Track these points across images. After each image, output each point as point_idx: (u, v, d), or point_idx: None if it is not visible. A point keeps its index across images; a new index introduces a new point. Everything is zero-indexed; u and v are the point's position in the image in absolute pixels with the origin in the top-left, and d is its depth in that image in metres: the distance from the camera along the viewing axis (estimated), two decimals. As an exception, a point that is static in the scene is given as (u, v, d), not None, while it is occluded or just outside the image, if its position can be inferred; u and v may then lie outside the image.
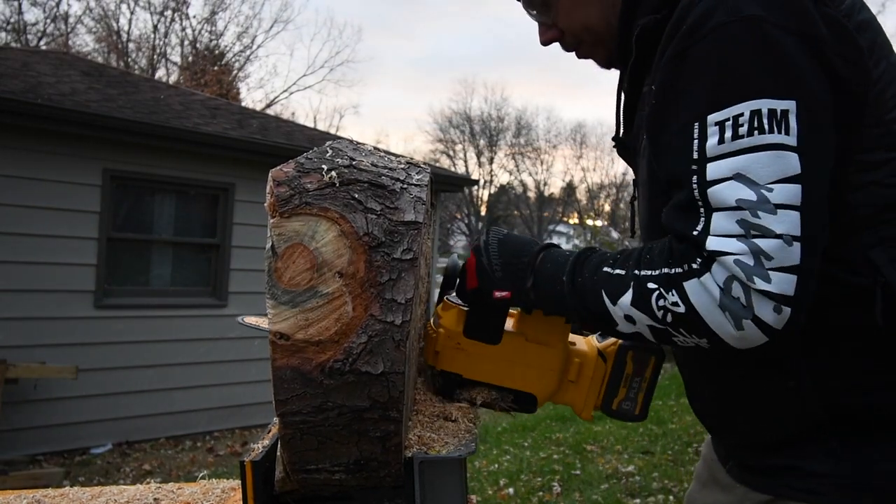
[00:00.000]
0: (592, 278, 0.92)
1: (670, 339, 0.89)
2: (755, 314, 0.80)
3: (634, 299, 0.88)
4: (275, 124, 8.57)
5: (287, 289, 0.73)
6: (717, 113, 0.83)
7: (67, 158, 5.83)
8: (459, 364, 1.04)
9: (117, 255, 6.21)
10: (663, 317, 0.86)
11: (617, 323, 0.91)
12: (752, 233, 0.80)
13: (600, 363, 1.09)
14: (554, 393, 1.07)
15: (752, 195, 0.80)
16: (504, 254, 0.99)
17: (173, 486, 1.26)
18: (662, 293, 0.85)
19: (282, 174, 0.75)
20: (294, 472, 0.83)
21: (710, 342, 0.85)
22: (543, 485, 4.98)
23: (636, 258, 0.90)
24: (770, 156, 0.81)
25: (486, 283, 0.99)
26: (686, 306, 0.84)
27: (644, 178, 1.03)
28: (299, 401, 0.75)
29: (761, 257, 0.80)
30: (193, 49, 24.54)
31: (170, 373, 6.32)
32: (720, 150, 0.83)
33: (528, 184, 43.44)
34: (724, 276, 0.81)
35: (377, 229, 0.74)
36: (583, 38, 1.10)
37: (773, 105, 0.82)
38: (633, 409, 1.10)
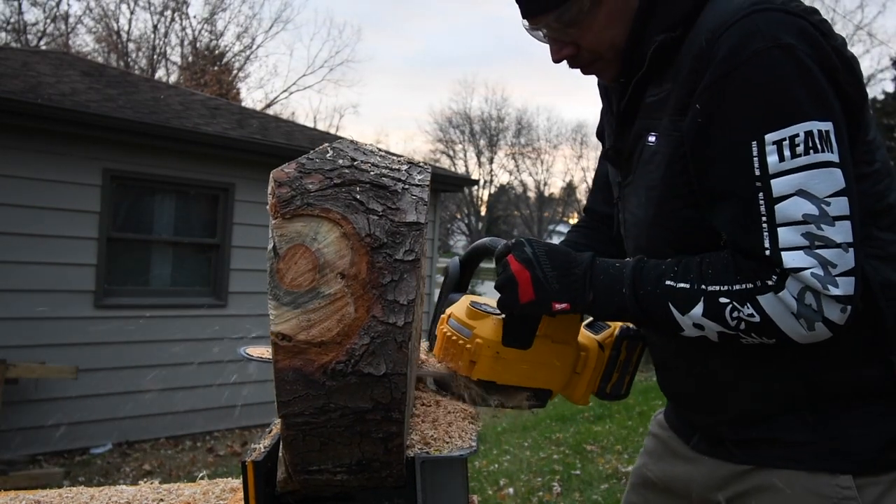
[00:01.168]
0: (656, 291, 1.00)
1: (738, 340, 0.98)
2: (825, 316, 0.92)
3: (706, 312, 0.97)
4: (275, 124, 8.57)
5: (289, 290, 0.73)
6: (774, 133, 0.92)
7: (67, 158, 5.83)
8: (496, 372, 1.09)
9: (117, 255, 6.21)
10: (736, 325, 0.96)
11: (683, 329, 1.00)
12: (816, 244, 0.91)
13: (601, 353, 1.17)
14: (566, 385, 1.16)
15: (814, 210, 0.91)
16: (556, 266, 1.04)
17: (173, 486, 1.26)
18: (737, 307, 0.95)
19: (283, 175, 0.74)
20: (296, 473, 0.83)
21: (778, 342, 0.95)
22: (543, 485, 4.98)
23: (698, 271, 0.99)
24: (824, 173, 0.91)
25: (543, 296, 1.02)
26: (761, 317, 0.94)
27: (654, 182, 1.08)
28: (302, 402, 0.75)
29: (828, 267, 0.91)
30: (193, 49, 24.53)
31: (170, 373, 6.32)
32: (782, 167, 0.92)
33: (528, 184, 43.44)
34: (799, 287, 0.91)
35: (379, 230, 0.74)
36: (603, 55, 1.14)
37: (819, 126, 0.92)
38: (621, 389, 1.20)
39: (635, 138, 1.13)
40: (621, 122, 1.17)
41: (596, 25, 1.10)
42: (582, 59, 1.15)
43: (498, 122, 42.45)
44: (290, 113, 30.49)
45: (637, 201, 1.15)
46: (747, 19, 0.95)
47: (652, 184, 1.09)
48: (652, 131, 1.09)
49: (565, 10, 1.08)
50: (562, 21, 1.10)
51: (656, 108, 1.08)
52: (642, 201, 1.12)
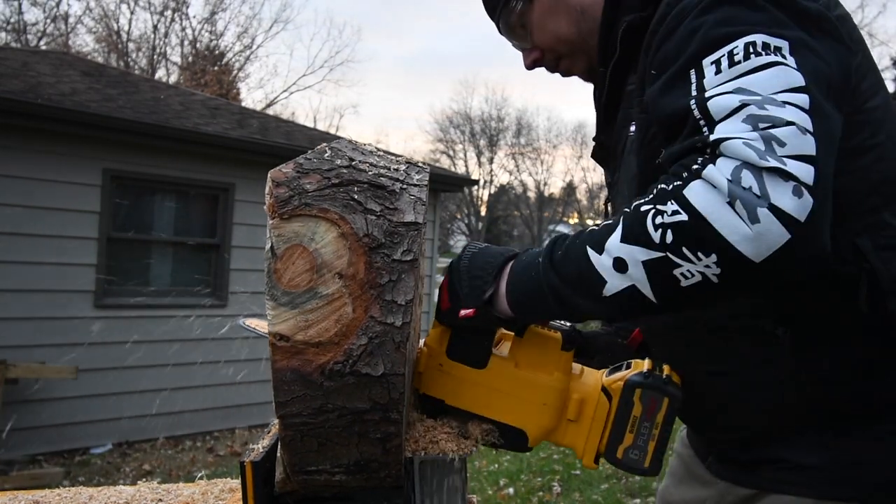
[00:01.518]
0: (574, 241, 0.83)
1: (671, 273, 0.75)
2: (771, 201, 0.70)
3: (625, 232, 0.77)
4: (275, 124, 8.56)
5: (287, 290, 0.73)
6: (711, 55, 0.81)
7: (67, 158, 5.83)
8: (442, 388, 0.94)
9: (117, 255, 6.21)
10: (661, 238, 0.74)
11: (605, 279, 0.78)
12: (760, 125, 0.73)
13: (604, 401, 0.95)
14: (550, 431, 0.96)
15: (756, 97, 0.76)
16: (473, 268, 0.91)
17: (172, 487, 1.26)
18: (658, 209, 0.75)
19: (281, 175, 0.74)
20: (294, 473, 0.83)
21: (720, 261, 0.72)
22: (543, 485, 4.97)
23: (623, 210, 0.81)
24: (771, 71, 0.77)
25: (454, 303, 0.90)
26: (688, 212, 0.73)
27: (632, 174, 0.99)
28: (300, 402, 0.75)
29: (773, 143, 0.72)
30: (193, 49, 24.53)
31: (170, 373, 6.31)
32: (718, 78, 0.80)
33: (528, 184, 43.42)
34: (732, 165, 0.72)
35: (377, 230, 0.74)
36: (559, 51, 1.13)
37: (767, 39, 0.80)
38: (641, 459, 0.93)
39: (619, 131, 1.07)
40: (604, 115, 1.11)
41: (537, 23, 1.10)
42: (547, 61, 1.15)
43: (498, 122, 42.44)
44: (290, 113, 30.50)
45: (622, 199, 1.04)
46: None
47: (631, 174, 1.00)
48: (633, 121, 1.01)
49: (505, 15, 1.10)
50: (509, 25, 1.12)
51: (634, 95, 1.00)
52: (625, 196, 1.02)
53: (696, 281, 0.74)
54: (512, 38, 1.16)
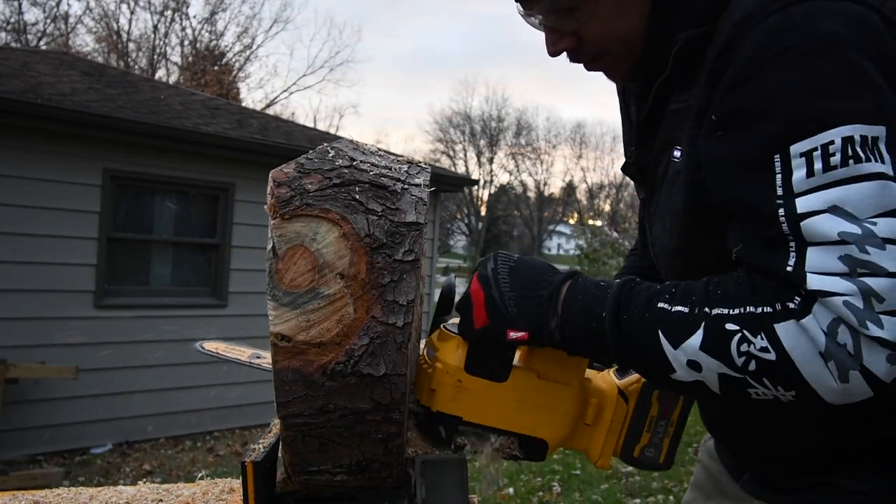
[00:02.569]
0: (644, 315, 0.79)
1: (744, 391, 0.76)
2: (863, 364, 0.69)
3: (706, 343, 0.75)
4: (275, 124, 8.57)
5: (288, 290, 0.73)
6: (802, 142, 0.73)
7: (67, 158, 5.83)
8: (461, 405, 0.89)
9: (117, 255, 6.21)
10: (744, 365, 0.73)
11: (674, 370, 0.77)
12: (858, 271, 0.70)
13: (621, 404, 0.95)
14: (567, 438, 0.93)
15: (855, 229, 0.70)
16: (518, 286, 0.84)
17: (172, 487, 1.26)
18: (747, 336, 0.73)
19: (282, 175, 0.74)
20: (296, 474, 0.83)
21: (798, 396, 0.73)
22: (543, 485, 4.97)
23: (702, 293, 0.78)
24: (870, 187, 0.71)
25: (497, 322, 0.84)
26: (778, 353, 0.71)
27: (676, 207, 0.92)
28: (301, 403, 0.75)
29: (872, 299, 0.69)
30: (193, 49, 24.53)
31: (170, 373, 6.32)
32: (810, 183, 0.73)
33: (528, 184, 43.46)
34: (829, 318, 0.70)
35: (378, 230, 0.74)
36: (610, 49, 0.96)
37: (864, 131, 0.72)
38: (657, 456, 0.95)
39: (659, 152, 0.96)
40: (643, 134, 1.01)
41: (601, 13, 0.92)
42: (584, 52, 0.98)
43: (498, 123, 42.48)
44: (290, 113, 30.53)
45: (661, 227, 0.98)
46: (781, 13, 0.76)
47: (675, 209, 0.92)
48: (677, 145, 0.91)
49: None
50: (558, 7, 0.93)
51: (682, 117, 0.90)
52: (666, 227, 0.96)
53: (767, 399, 0.76)
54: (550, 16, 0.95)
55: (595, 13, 0.93)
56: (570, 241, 32.01)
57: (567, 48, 0.97)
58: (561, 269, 0.89)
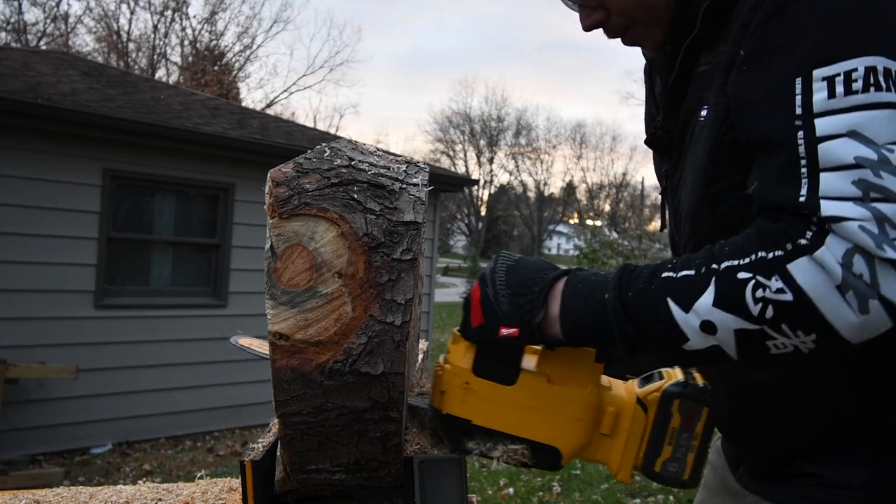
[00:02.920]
0: (649, 288, 0.78)
1: (763, 344, 0.73)
2: (881, 292, 0.68)
3: (719, 298, 0.73)
4: (275, 124, 8.57)
5: (286, 289, 0.73)
6: (826, 67, 0.74)
7: (67, 158, 5.83)
8: (469, 408, 0.88)
9: (117, 255, 6.21)
10: (761, 312, 0.71)
11: (687, 338, 0.76)
12: (871, 195, 0.69)
13: (640, 413, 0.91)
14: (583, 447, 0.90)
15: (871, 153, 0.70)
16: (512, 283, 0.85)
17: (172, 486, 1.26)
18: (760, 281, 0.71)
19: (281, 175, 0.74)
20: (294, 472, 0.83)
21: (819, 339, 0.72)
22: (543, 485, 4.98)
23: (707, 255, 0.77)
24: (889, 114, 0.72)
25: (491, 319, 0.84)
26: (794, 292, 0.70)
27: (700, 161, 0.91)
28: (299, 401, 0.75)
29: (886, 225, 0.68)
30: (193, 49, 24.54)
31: (170, 373, 6.32)
32: (830, 104, 0.73)
33: (528, 184, 43.46)
34: (844, 248, 0.69)
35: (377, 230, 0.74)
36: (637, 18, 0.98)
37: (888, 64, 0.73)
38: (680, 472, 0.90)
39: (686, 115, 0.96)
40: (671, 98, 1.00)
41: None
42: (614, 24, 1.00)
43: (498, 123, 42.48)
44: (290, 113, 30.56)
45: (684, 190, 0.97)
46: None
47: (699, 162, 0.91)
48: (704, 104, 0.91)
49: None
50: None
51: (709, 77, 0.90)
52: (688, 188, 0.94)
53: (787, 351, 0.74)
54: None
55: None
56: (570, 241, 32.04)
57: (598, 21, 0.99)
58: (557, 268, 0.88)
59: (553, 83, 73.89)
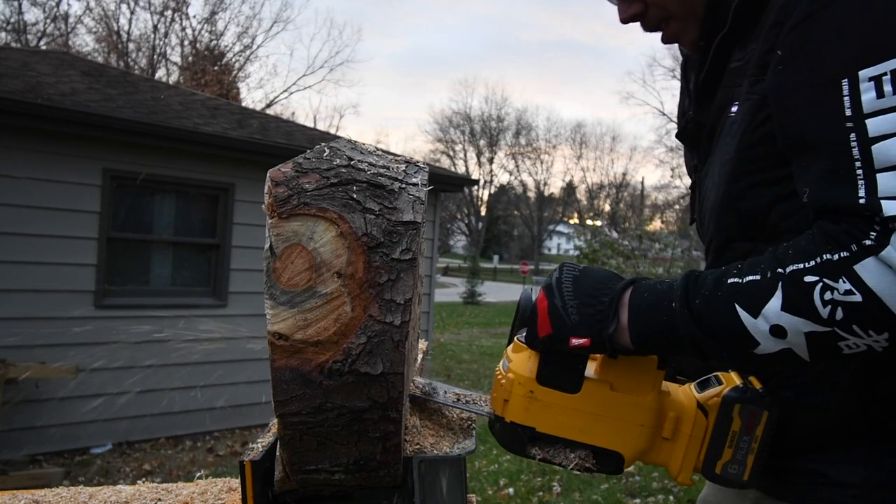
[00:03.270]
0: (716, 294, 0.79)
1: (835, 345, 0.74)
2: None
3: (787, 302, 0.74)
4: (275, 124, 8.56)
5: (285, 289, 0.73)
6: (871, 67, 0.74)
7: (67, 158, 5.83)
8: (533, 416, 0.90)
9: (117, 255, 6.21)
10: (831, 314, 0.72)
11: (758, 342, 0.77)
12: None
13: (701, 418, 0.93)
14: (645, 451, 0.93)
15: None
16: (580, 294, 0.85)
17: (172, 486, 1.26)
18: (828, 284, 0.72)
19: (280, 174, 0.74)
20: (293, 472, 0.83)
21: (891, 338, 0.72)
22: (543, 485, 4.98)
23: (771, 259, 0.77)
24: None
25: (560, 330, 0.85)
26: (863, 293, 0.71)
27: (728, 156, 0.92)
28: (299, 401, 0.75)
29: None
30: (193, 49, 24.54)
31: (170, 373, 6.32)
32: (880, 104, 0.73)
33: (528, 184, 43.47)
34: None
35: (376, 229, 0.74)
36: (672, 12, 1.00)
37: None
38: (740, 473, 0.92)
39: (718, 111, 0.98)
40: (702, 93, 1.01)
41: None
42: (650, 18, 1.02)
43: (498, 123, 42.49)
44: (290, 113, 30.58)
45: (711, 182, 0.98)
46: None
47: (726, 157, 0.93)
48: (735, 101, 0.92)
49: None
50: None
51: (740, 74, 0.92)
52: (715, 181, 0.96)
53: (860, 350, 0.74)
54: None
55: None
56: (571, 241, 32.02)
57: (635, 14, 1.02)
58: (624, 277, 0.89)
59: (553, 83, 73.93)
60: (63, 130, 5.72)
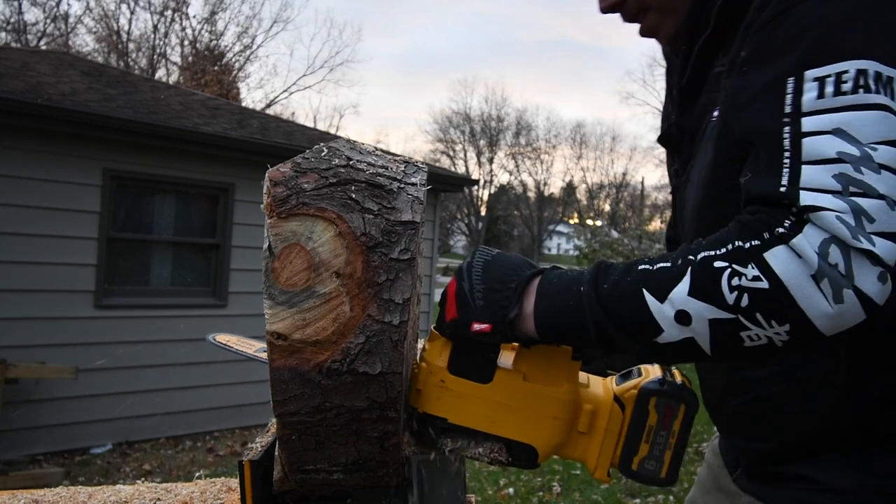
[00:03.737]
0: (625, 279, 0.77)
1: (737, 335, 0.73)
2: (855, 283, 0.68)
3: (694, 286, 0.73)
4: (275, 124, 8.57)
5: (284, 289, 0.73)
6: (817, 68, 0.75)
7: (67, 158, 5.83)
8: (445, 406, 0.86)
9: (117, 255, 6.21)
10: (736, 301, 0.71)
11: (662, 329, 0.75)
12: (851, 189, 0.70)
13: (617, 411, 0.90)
14: (560, 445, 0.89)
15: (854, 150, 0.71)
16: (488, 278, 0.83)
17: (171, 486, 1.26)
18: (736, 269, 0.71)
19: (279, 174, 0.74)
20: (292, 472, 0.83)
21: (792, 330, 0.71)
22: (543, 485, 4.98)
23: (684, 249, 0.77)
24: (876, 115, 0.72)
25: (464, 314, 0.82)
26: (770, 279, 0.70)
27: (708, 160, 0.92)
28: (297, 401, 0.75)
29: (863, 218, 0.69)
30: (193, 49, 24.55)
31: (170, 373, 6.32)
32: (819, 104, 0.74)
33: (528, 184, 43.49)
34: (821, 237, 0.69)
35: (374, 229, 0.74)
36: (650, 2, 1.00)
37: (879, 69, 0.73)
38: (657, 469, 0.89)
39: (699, 115, 0.97)
40: (685, 97, 1.01)
41: None
42: (629, 7, 1.01)
43: (498, 123, 42.51)
44: (290, 113, 30.59)
45: (691, 189, 0.98)
46: None
47: (706, 162, 0.92)
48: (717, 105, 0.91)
49: None
50: None
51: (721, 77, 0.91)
52: (694, 185, 0.96)
53: (760, 344, 0.73)
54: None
55: None
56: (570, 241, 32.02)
57: (613, 4, 1.01)
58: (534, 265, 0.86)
59: (553, 83, 73.99)
60: (63, 130, 5.73)
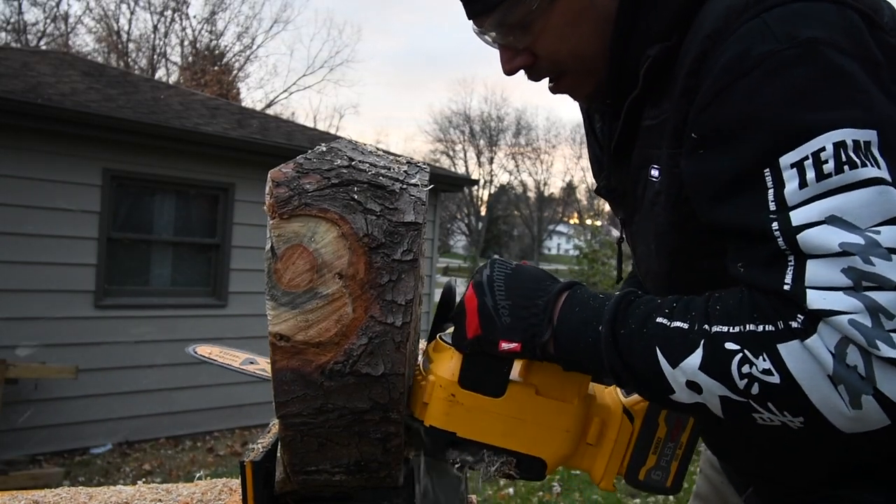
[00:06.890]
0: (641, 331, 0.74)
1: (748, 415, 0.70)
2: (877, 388, 0.63)
3: (705, 363, 0.70)
4: (275, 124, 8.56)
5: (287, 290, 0.73)
6: (789, 153, 0.69)
7: (67, 158, 5.83)
8: (454, 420, 0.84)
9: (117, 255, 6.21)
10: (746, 388, 0.68)
11: (673, 390, 0.73)
12: (863, 284, 0.64)
13: (626, 424, 0.90)
14: (568, 457, 0.89)
15: (857, 238, 0.65)
16: (513, 294, 0.80)
17: (172, 486, 1.26)
18: (748, 357, 0.67)
19: (281, 175, 0.74)
20: (294, 473, 0.83)
21: (807, 423, 0.68)
22: (543, 485, 4.98)
23: (702, 310, 0.73)
24: (869, 194, 0.66)
25: (490, 332, 0.79)
26: (782, 375, 0.66)
27: (661, 228, 0.88)
28: (300, 403, 0.75)
29: (880, 315, 0.63)
30: (193, 49, 24.54)
31: (170, 373, 6.32)
32: (804, 194, 0.68)
33: (528, 184, 43.50)
34: (836, 338, 0.64)
35: (377, 230, 0.74)
36: (567, 67, 0.93)
37: (856, 136, 0.68)
38: (663, 479, 0.90)
39: (636, 172, 0.92)
40: (617, 154, 0.96)
41: (552, 27, 0.89)
42: (540, 70, 0.94)
43: (497, 123, 42.51)
44: (290, 113, 30.58)
45: (645, 249, 0.94)
46: (756, 20, 0.73)
47: (659, 230, 0.88)
48: (654, 164, 0.87)
49: (508, 11, 0.88)
50: (506, 24, 0.90)
51: (656, 133, 0.86)
52: (651, 250, 0.92)
53: (774, 425, 0.71)
54: (502, 34, 0.92)
55: (546, 28, 0.89)
56: (570, 241, 32.02)
57: (522, 66, 0.94)
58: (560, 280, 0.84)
59: (553, 83, 74.02)
60: (63, 130, 5.72)
